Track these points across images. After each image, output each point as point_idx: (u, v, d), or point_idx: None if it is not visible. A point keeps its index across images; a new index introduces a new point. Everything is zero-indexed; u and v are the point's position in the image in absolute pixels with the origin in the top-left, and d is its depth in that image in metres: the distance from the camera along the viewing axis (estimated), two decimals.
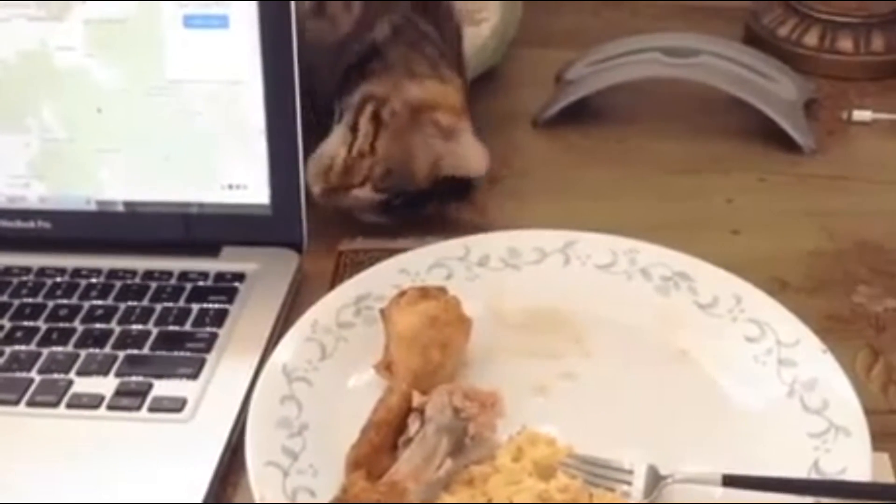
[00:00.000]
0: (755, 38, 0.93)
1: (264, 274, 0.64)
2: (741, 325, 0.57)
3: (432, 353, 0.52)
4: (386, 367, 0.53)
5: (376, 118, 0.67)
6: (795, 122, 0.79)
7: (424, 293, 0.54)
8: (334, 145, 0.67)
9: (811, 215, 0.71)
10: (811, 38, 0.91)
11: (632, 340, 0.57)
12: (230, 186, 0.66)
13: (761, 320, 0.56)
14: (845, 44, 0.90)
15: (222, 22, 0.63)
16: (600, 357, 0.56)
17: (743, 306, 0.57)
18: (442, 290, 0.55)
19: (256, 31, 0.63)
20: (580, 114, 0.83)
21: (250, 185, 0.66)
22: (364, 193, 0.67)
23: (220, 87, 0.64)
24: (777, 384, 0.53)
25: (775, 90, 0.81)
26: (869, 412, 0.50)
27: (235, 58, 0.63)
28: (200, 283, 0.63)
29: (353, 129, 0.67)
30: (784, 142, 0.79)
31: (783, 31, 0.92)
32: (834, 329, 0.59)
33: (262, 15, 0.62)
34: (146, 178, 0.66)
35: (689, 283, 0.60)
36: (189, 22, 0.63)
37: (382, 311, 0.55)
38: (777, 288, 0.63)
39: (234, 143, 0.65)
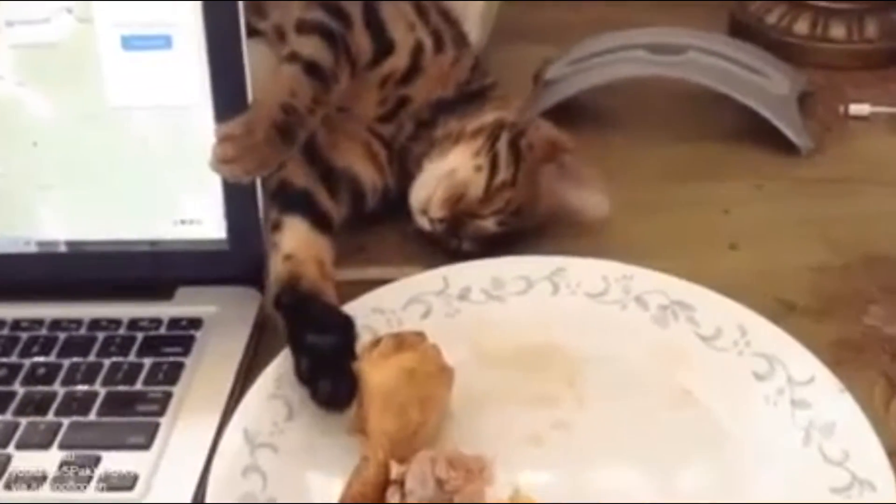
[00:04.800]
0: (742, 28, 0.88)
1: (223, 318, 0.58)
2: (748, 359, 0.52)
3: (411, 412, 0.47)
4: (359, 429, 0.48)
5: (514, 148, 0.63)
6: (790, 120, 0.74)
7: (399, 343, 0.49)
8: (465, 171, 0.62)
9: (813, 224, 0.66)
10: (801, 26, 0.86)
11: (629, 380, 0.53)
12: (183, 221, 0.60)
13: (770, 354, 0.51)
14: (838, 31, 0.85)
15: (165, 42, 0.57)
16: (596, 402, 0.51)
17: (748, 338, 0.53)
18: (419, 337, 0.50)
19: (203, 49, 0.57)
20: (561, 116, 0.77)
21: (205, 220, 0.60)
22: (487, 225, 0.63)
23: (167, 113, 0.58)
24: (792, 430, 0.48)
25: (767, 86, 0.76)
26: (891, 454, 0.46)
27: (182, 80, 0.57)
28: (153, 333, 0.57)
29: (492, 157, 0.62)
30: (779, 142, 0.74)
31: (771, 19, 0.87)
32: (846, 358, 0.54)
33: (208, 32, 0.56)
34: (90, 215, 0.60)
35: (689, 313, 0.55)
36: (128, 44, 0.57)
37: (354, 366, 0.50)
38: (782, 311, 0.58)
39: (185, 174, 0.59)
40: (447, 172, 0.62)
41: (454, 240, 0.63)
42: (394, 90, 0.64)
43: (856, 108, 0.78)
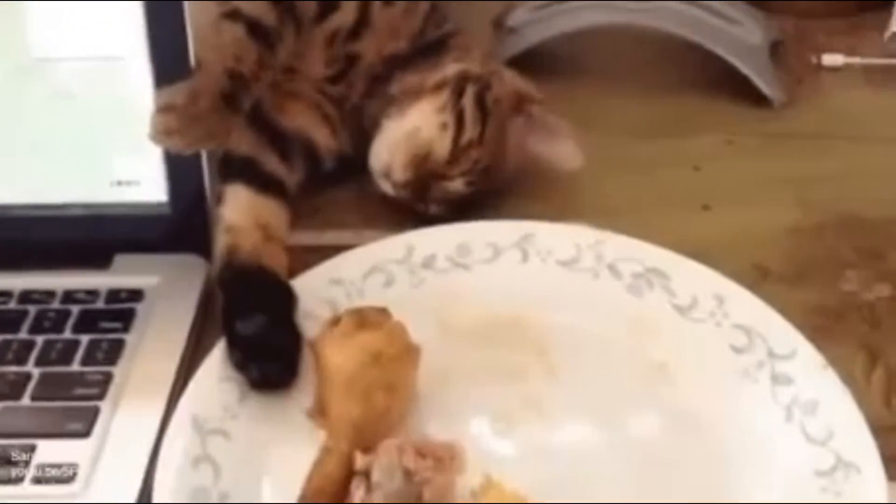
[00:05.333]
0: None
1: (166, 289, 0.54)
2: (726, 332, 0.49)
3: (375, 398, 0.43)
4: (319, 412, 0.44)
5: (481, 103, 0.58)
6: (763, 71, 0.71)
7: (362, 320, 0.45)
8: (428, 130, 0.58)
9: (785, 183, 0.64)
10: None
11: (602, 352, 0.50)
12: (119, 183, 0.55)
13: (748, 326, 0.49)
14: None
15: None
16: (567, 377, 0.49)
17: (726, 309, 0.50)
18: (383, 314, 0.46)
19: None
20: (522, 66, 0.73)
21: (143, 181, 0.55)
22: (455, 186, 0.58)
23: (99, 65, 0.53)
24: (773, 407, 0.46)
25: (740, 35, 0.73)
26: (875, 430, 0.44)
27: (114, 29, 0.52)
28: (89, 306, 0.53)
29: (458, 113, 0.58)
30: (751, 93, 0.71)
31: None
32: (824, 326, 0.52)
33: None
34: (16, 176, 0.55)
35: (664, 282, 0.52)
36: None
37: (311, 344, 0.46)
38: (757, 277, 0.55)
39: (121, 131, 0.54)
40: (409, 132, 0.58)
41: (420, 203, 0.59)
42: (342, 47, 0.60)
43: (829, 59, 0.75)
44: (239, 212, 0.54)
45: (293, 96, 0.60)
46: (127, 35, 0.52)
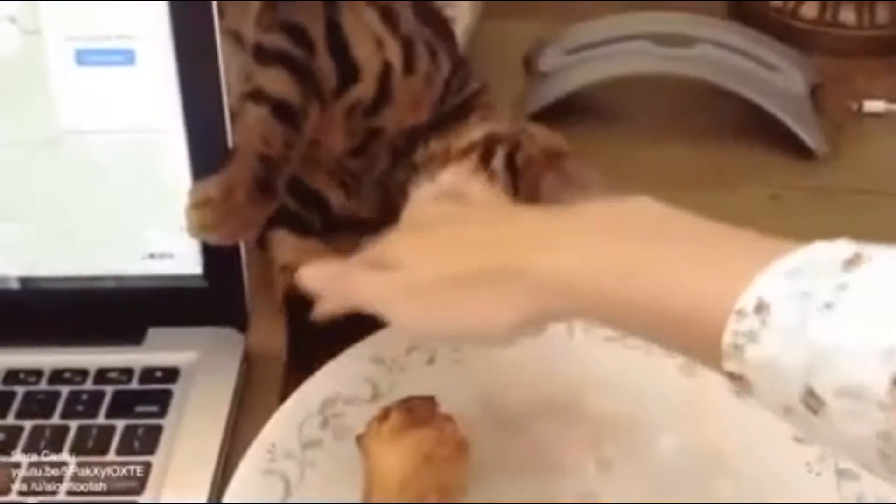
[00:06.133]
0: (743, 11, 0.82)
1: (202, 366, 0.52)
2: None
3: (429, 500, 0.42)
4: None
5: (511, 165, 0.57)
6: (805, 121, 0.70)
7: (411, 416, 0.44)
8: None
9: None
10: (809, 10, 0.80)
11: (657, 441, 0.48)
12: (152, 255, 0.53)
13: None
14: (847, 16, 0.80)
15: (127, 58, 0.49)
16: (621, 469, 0.47)
17: None
18: (431, 407, 0.45)
19: (172, 65, 0.49)
20: (553, 112, 0.72)
21: (178, 253, 0.53)
22: None
23: (131, 138, 0.51)
24: None
25: (781, 84, 0.71)
26: None
27: (147, 101, 0.50)
28: (124, 387, 0.51)
29: (488, 178, 0.56)
30: (792, 142, 0.69)
31: (776, 2, 0.82)
32: None
33: (177, 45, 0.49)
34: (45, 248, 0.53)
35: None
36: (83, 59, 0.49)
37: (359, 440, 0.44)
38: None
39: (154, 204, 0.52)
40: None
41: None
42: (362, 121, 0.58)
43: (870, 106, 0.73)
44: (289, 251, 0.56)
45: (314, 165, 0.59)
46: (159, 107, 0.50)
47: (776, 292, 0.32)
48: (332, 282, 0.44)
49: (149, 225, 0.53)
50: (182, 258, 0.53)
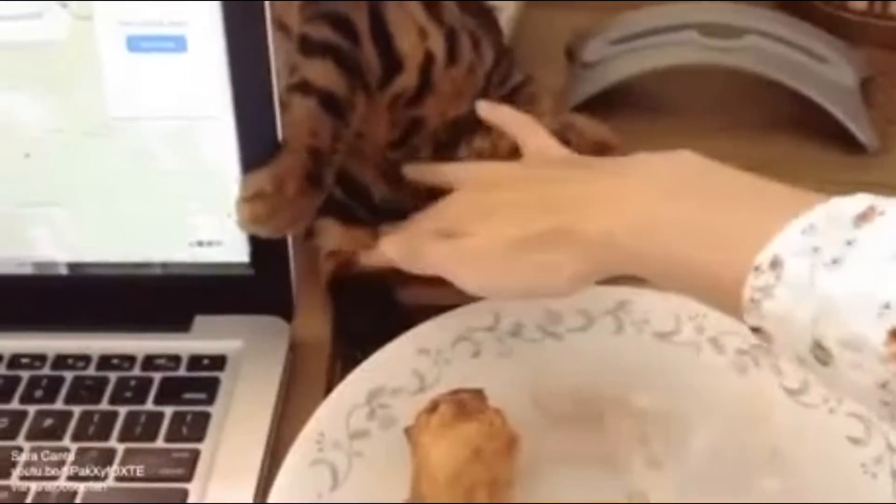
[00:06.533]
0: (792, 2, 0.80)
1: (249, 355, 0.52)
2: (841, 419, 0.47)
3: (478, 495, 0.42)
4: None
5: None
6: (856, 115, 0.68)
7: (461, 408, 0.43)
8: None
9: None
10: (858, 2, 0.79)
11: (708, 439, 0.47)
12: (200, 243, 0.53)
13: (865, 415, 0.46)
14: None
15: (178, 44, 0.49)
16: (671, 467, 0.46)
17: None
18: (480, 399, 0.44)
19: (223, 52, 0.49)
20: (598, 102, 0.71)
21: (226, 241, 0.53)
22: None
23: (180, 125, 0.51)
24: None
25: (832, 76, 0.69)
26: None
27: (198, 88, 0.50)
28: (172, 374, 0.51)
29: None
30: (841, 137, 0.68)
31: None
32: None
33: (228, 32, 0.49)
34: (93, 234, 0.53)
35: (772, 360, 0.50)
36: (135, 45, 0.49)
37: (408, 432, 0.44)
38: None
39: (202, 192, 0.52)
40: None
41: None
42: (404, 112, 0.57)
43: None
44: (336, 239, 0.57)
45: (358, 157, 0.58)
46: (209, 94, 0.50)
47: (790, 249, 0.34)
48: (406, 250, 0.50)
49: (197, 212, 0.53)
50: (229, 246, 0.53)
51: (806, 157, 0.68)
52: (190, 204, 0.53)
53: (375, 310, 0.55)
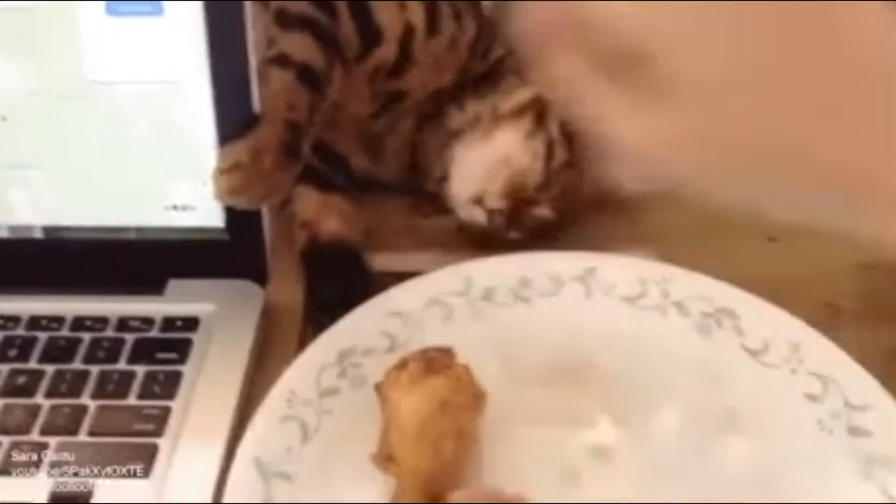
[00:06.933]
0: None
1: (222, 317, 0.53)
2: (801, 378, 0.48)
3: (445, 447, 0.42)
4: (386, 458, 0.43)
5: (566, 127, 0.57)
6: None
7: (429, 365, 0.44)
8: (521, 156, 0.57)
9: None
10: None
11: (671, 398, 0.48)
12: (175, 207, 0.54)
13: (823, 373, 0.48)
14: None
15: (155, 8, 0.50)
16: (635, 425, 0.47)
17: (801, 355, 0.49)
18: (448, 357, 0.45)
19: (199, 17, 0.49)
20: None
21: (199, 206, 0.54)
22: (543, 212, 0.57)
23: (156, 89, 0.51)
24: (849, 461, 0.45)
25: None
26: None
27: (174, 52, 0.50)
28: (144, 335, 0.52)
29: (547, 139, 0.56)
30: None
31: None
32: None
33: None
34: (69, 198, 0.54)
35: (735, 322, 0.51)
36: (112, 9, 0.50)
37: (378, 388, 0.45)
38: (829, 315, 0.54)
39: (177, 156, 0.53)
40: (501, 159, 0.57)
41: (507, 231, 0.57)
42: (384, 84, 0.58)
43: None
44: (312, 207, 0.58)
45: (338, 128, 0.59)
46: (186, 59, 0.50)
47: None
48: None
49: (172, 177, 0.53)
50: (204, 211, 0.54)
51: None
52: (165, 168, 0.53)
53: (346, 279, 0.56)
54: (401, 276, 0.54)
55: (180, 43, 0.50)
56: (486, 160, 0.57)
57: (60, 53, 0.50)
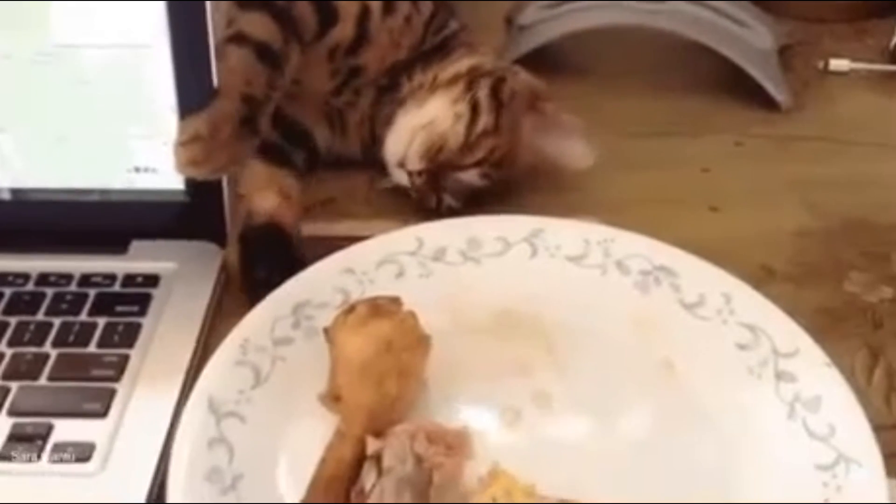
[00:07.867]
0: None
1: (182, 275, 0.55)
2: (732, 329, 0.50)
3: (388, 384, 0.44)
4: (333, 398, 0.45)
5: (496, 95, 0.60)
6: (772, 75, 0.72)
7: (375, 309, 0.46)
8: (443, 120, 0.59)
9: (794, 186, 0.65)
10: None
11: (609, 348, 0.51)
12: (137, 169, 0.56)
13: (754, 324, 0.50)
14: None
15: None
16: (575, 372, 0.49)
17: (733, 307, 0.51)
18: (395, 303, 0.47)
19: None
20: (532, 65, 0.74)
21: (161, 168, 0.56)
22: (469, 177, 0.60)
23: (119, 53, 0.53)
24: (776, 403, 0.47)
25: (750, 39, 0.74)
26: (875, 428, 0.45)
27: (136, 18, 0.53)
28: (106, 290, 0.53)
29: (473, 103, 0.59)
30: (759, 97, 0.72)
31: None
32: (827, 326, 0.53)
33: None
34: (35, 160, 0.56)
35: (672, 279, 0.53)
36: None
37: (326, 331, 0.47)
38: (764, 277, 0.56)
39: (139, 119, 0.55)
40: (425, 123, 0.59)
41: (433, 195, 0.60)
42: (343, 61, 0.61)
43: (835, 64, 0.76)
44: (255, 181, 0.59)
45: (299, 104, 0.61)
46: (148, 23, 0.53)
47: None
48: None
49: (134, 139, 0.55)
50: (165, 173, 0.56)
51: (724, 112, 0.72)
52: (128, 131, 0.55)
53: (276, 263, 0.55)
54: (325, 241, 0.56)
55: (143, 8, 0.52)
56: (410, 124, 0.60)
57: (27, 19, 0.53)
